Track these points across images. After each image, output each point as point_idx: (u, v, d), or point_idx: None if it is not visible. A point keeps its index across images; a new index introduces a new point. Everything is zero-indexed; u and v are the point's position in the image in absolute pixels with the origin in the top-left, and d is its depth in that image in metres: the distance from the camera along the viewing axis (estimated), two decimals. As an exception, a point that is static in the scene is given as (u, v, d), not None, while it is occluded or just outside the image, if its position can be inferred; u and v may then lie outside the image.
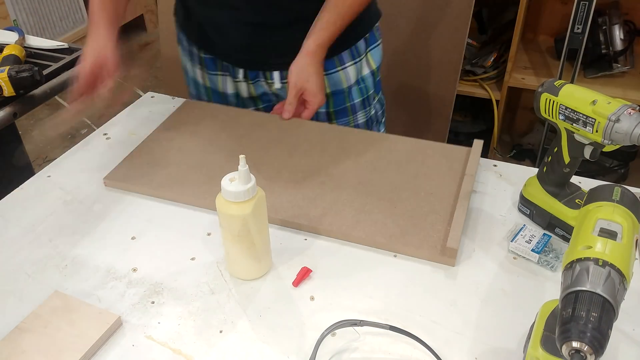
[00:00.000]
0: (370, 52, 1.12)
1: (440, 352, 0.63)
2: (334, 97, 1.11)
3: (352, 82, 1.11)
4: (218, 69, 1.13)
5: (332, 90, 1.10)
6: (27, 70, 1.08)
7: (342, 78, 1.09)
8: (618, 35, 1.95)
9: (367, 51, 1.11)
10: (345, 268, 0.76)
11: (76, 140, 1.03)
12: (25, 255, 0.78)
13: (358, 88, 1.12)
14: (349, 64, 1.09)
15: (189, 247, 0.79)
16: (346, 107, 1.12)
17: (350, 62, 1.09)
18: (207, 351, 0.65)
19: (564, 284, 0.51)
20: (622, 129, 0.66)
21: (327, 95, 1.09)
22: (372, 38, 1.12)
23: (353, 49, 1.08)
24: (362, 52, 1.10)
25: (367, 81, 1.14)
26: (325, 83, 1.07)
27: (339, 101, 1.12)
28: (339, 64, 1.08)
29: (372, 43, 1.12)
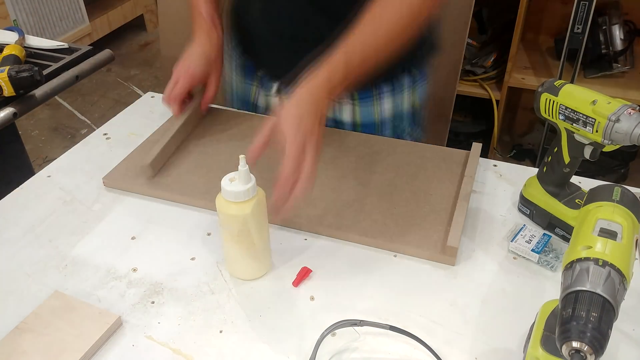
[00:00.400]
0: (416, 88, 1.01)
1: (440, 352, 0.63)
2: (362, 129, 1.01)
3: (387, 116, 1.00)
4: (254, 80, 1.07)
5: (362, 121, 1.00)
6: (27, 70, 1.08)
7: (375, 109, 0.99)
8: (618, 35, 1.95)
9: (413, 86, 1.00)
10: (345, 268, 0.76)
11: (76, 140, 1.03)
12: (25, 255, 0.78)
13: (393, 125, 1.01)
14: (387, 94, 0.98)
15: (189, 247, 0.79)
16: None
17: (389, 92, 0.98)
18: (207, 351, 0.65)
19: (564, 284, 0.51)
20: (622, 129, 0.66)
21: (357, 125, 0.99)
22: (422, 74, 1.01)
23: (394, 79, 0.98)
24: (404, 85, 0.99)
25: (404, 118, 1.02)
26: (356, 111, 0.98)
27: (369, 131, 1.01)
28: (376, 92, 0.98)
29: (420, 79, 1.02)
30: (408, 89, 1.02)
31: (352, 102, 1.00)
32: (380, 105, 1.00)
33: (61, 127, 2.70)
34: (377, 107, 1.00)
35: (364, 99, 0.98)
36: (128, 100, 2.63)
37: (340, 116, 1.02)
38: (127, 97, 2.95)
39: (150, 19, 3.66)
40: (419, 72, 1.03)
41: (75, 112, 2.71)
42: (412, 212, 0.82)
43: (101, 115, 2.77)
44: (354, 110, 1.01)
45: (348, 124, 1.03)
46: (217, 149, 0.96)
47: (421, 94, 1.05)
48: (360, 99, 0.98)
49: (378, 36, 0.78)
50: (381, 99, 1.00)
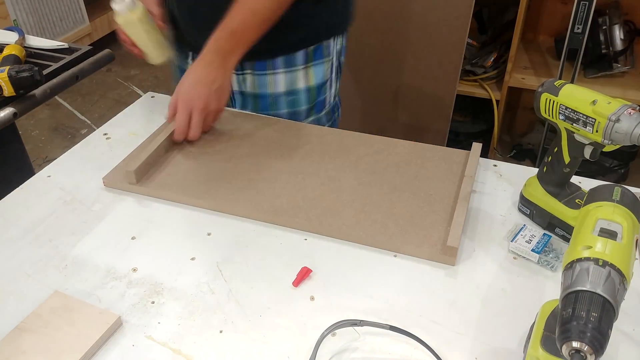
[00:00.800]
0: (311, 67, 1.09)
1: (440, 352, 0.63)
2: (260, 100, 1.11)
3: (281, 92, 1.10)
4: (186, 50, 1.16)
5: (259, 91, 1.10)
6: (27, 70, 1.08)
7: (270, 82, 1.08)
8: (618, 35, 1.95)
9: (307, 65, 1.08)
10: (346, 268, 0.76)
11: (76, 140, 1.03)
12: (25, 255, 0.78)
13: (287, 100, 1.11)
14: (281, 71, 1.07)
15: (189, 247, 0.79)
16: (270, 114, 1.10)
17: (282, 69, 1.07)
18: (207, 351, 0.65)
19: (564, 284, 0.51)
20: (622, 129, 0.66)
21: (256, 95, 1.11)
22: (318, 54, 1.09)
23: (289, 57, 1.07)
24: (298, 63, 1.08)
25: (299, 95, 1.11)
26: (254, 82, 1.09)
27: (264, 105, 1.11)
28: (270, 67, 1.07)
29: (316, 59, 1.09)
30: (302, 66, 1.09)
31: (251, 72, 1.09)
32: (274, 78, 1.08)
33: (61, 127, 2.70)
34: (271, 79, 1.08)
35: (259, 70, 1.08)
36: (128, 100, 2.63)
37: (245, 87, 1.12)
38: (127, 97, 2.95)
39: (151, 19, 3.65)
40: (316, 51, 1.08)
41: (75, 112, 2.71)
42: (412, 212, 0.82)
43: (101, 115, 2.77)
44: (253, 80, 1.10)
45: (249, 94, 1.12)
46: (216, 149, 0.96)
47: (318, 75, 1.11)
48: (255, 69, 1.08)
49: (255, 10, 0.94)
50: (275, 73, 1.08)
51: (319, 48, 1.09)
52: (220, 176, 0.90)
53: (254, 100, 1.12)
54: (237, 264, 0.76)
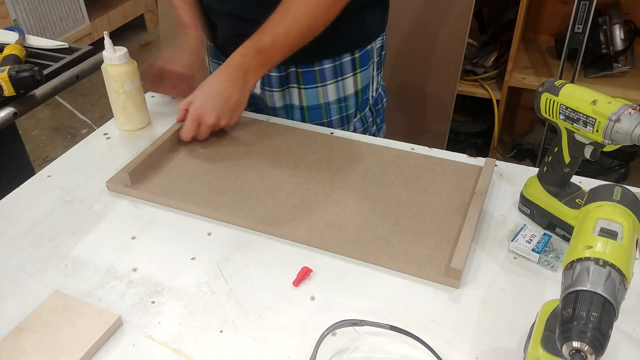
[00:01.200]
0: (360, 74, 1.09)
1: (440, 352, 0.63)
2: (310, 112, 1.10)
3: (332, 100, 1.09)
4: (219, 59, 1.15)
5: (308, 104, 1.09)
6: (28, 70, 1.08)
7: (320, 94, 1.08)
8: (618, 35, 1.95)
9: (355, 73, 1.08)
10: (346, 268, 0.76)
11: (76, 140, 1.03)
12: (25, 255, 0.78)
13: (338, 106, 1.10)
14: (330, 82, 1.07)
15: (189, 247, 0.79)
16: (322, 123, 1.11)
17: (332, 80, 1.07)
18: (207, 351, 0.65)
19: (565, 284, 0.51)
20: (622, 128, 0.66)
21: (304, 108, 1.10)
22: (364, 60, 1.08)
23: (337, 67, 1.06)
24: (347, 72, 1.07)
25: (350, 101, 1.11)
26: (303, 96, 1.08)
27: (315, 116, 1.11)
28: (320, 81, 1.06)
29: (363, 65, 1.09)
30: (352, 74, 1.08)
31: (298, 87, 1.08)
32: (324, 90, 1.08)
33: (61, 127, 2.70)
34: (321, 92, 1.08)
35: (309, 84, 1.07)
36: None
37: (291, 101, 1.10)
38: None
39: (151, 19, 3.66)
40: (363, 57, 1.08)
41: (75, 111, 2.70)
42: (417, 229, 0.79)
43: (101, 115, 2.77)
44: (300, 94, 1.09)
45: (297, 107, 1.11)
46: (222, 156, 0.96)
47: (364, 79, 1.11)
48: (304, 84, 1.07)
49: (287, 23, 0.92)
50: (325, 85, 1.07)
51: (365, 53, 1.08)
52: (224, 184, 0.89)
53: (301, 112, 1.11)
54: (238, 263, 0.76)
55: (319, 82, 1.07)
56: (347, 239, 0.78)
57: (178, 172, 0.92)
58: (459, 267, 0.71)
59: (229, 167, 0.92)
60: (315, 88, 1.07)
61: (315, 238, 0.79)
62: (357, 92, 1.11)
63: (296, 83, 1.07)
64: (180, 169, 0.93)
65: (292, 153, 0.96)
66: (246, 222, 0.82)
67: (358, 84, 1.10)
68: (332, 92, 1.08)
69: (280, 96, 1.09)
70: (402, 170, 0.91)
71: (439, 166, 0.92)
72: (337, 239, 0.78)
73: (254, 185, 0.88)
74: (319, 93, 1.08)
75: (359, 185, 0.88)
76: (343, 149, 0.96)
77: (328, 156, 0.95)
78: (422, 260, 0.75)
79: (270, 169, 0.92)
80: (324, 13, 0.92)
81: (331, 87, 1.07)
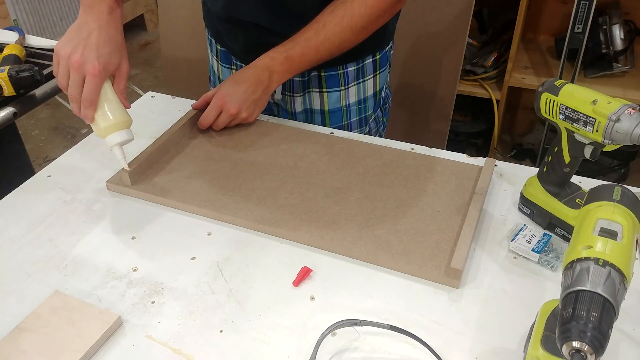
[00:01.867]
0: (379, 75, 1.11)
1: (440, 352, 0.63)
2: (331, 115, 1.11)
3: (353, 102, 1.11)
4: (231, 63, 1.15)
5: (330, 108, 1.10)
6: (28, 70, 1.08)
7: (342, 97, 1.09)
8: (618, 35, 1.95)
9: (375, 74, 1.10)
10: (346, 268, 0.76)
11: (76, 140, 1.03)
12: (25, 255, 0.78)
13: (357, 108, 1.12)
14: (353, 84, 1.08)
15: (189, 247, 0.79)
16: (342, 125, 1.12)
17: (354, 82, 1.08)
18: (207, 351, 0.65)
19: (565, 284, 0.51)
20: (622, 128, 0.66)
21: (325, 111, 1.11)
22: (383, 60, 1.11)
23: (360, 69, 1.07)
24: (368, 74, 1.09)
25: (368, 102, 1.13)
26: (325, 99, 1.09)
27: (335, 119, 1.12)
28: (344, 84, 1.08)
29: (382, 66, 1.11)
30: (372, 76, 1.10)
31: (320, 91, 1.08)
32: (346, 92, 1.09)
33: (61, 127, 2.70)
34: (343, 93, 1.09)
35: (332, 87, 1.08)
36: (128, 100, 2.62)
37: (311, 105, 1.11)
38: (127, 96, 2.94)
39: (151, 19, 3.66)
40: (382, 58, 1.10)
41: (75, 112, 2.70)
42: (417, 229, 0.79)
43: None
44: (322, 98, 1.09)
45: (317, 111, 1.11)
46: (223, 155, 0.95)
47: (382, 80, 1.13)
48: (327, 87, 1.08)
49: (319, 39, 0.94)
50: (348, 88, 1.08)
51: (384, 54, 1.10)
52: (224, 184, 0.89)
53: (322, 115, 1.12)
54: (238, 263, 0.76)
55: (342, 85, 1.08)
56: (347, 239, 0.78)
57: (178, 172, 0.92)
58: (459, 267, 0.71)
59: (229, 167, 0.92)
60: (339, 91, 1.08)
61: (315, 238, 0.79)
62: (375, 93, 1.13)
63: (318, 87, 1.08)
64: (181, 169, 0.93)
65: (292, 153, 0.96)
66: (246, 222, 0.82)
67: (377, 84, 1.12)
68: (353, 94, 1.10)
69: (301, 101, 1.10)
70: (402, 170, 0.91)
71: (439, 166, 0.92)
72: (337, 239, 0.78)
73: (254, 185, 0.88)
74: (341, 96, 1.09)
75: (359, 184, 0.88)
76: (343, 149, 0.96)
77: (328, 156, 0.95)
78: (422, 260, 0.75)
79: (271, 169, 0.92)
80: (355, 36, 0.95)
81: (352, 89, 1.09)
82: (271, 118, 1.07)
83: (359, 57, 1.06)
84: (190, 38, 2.07)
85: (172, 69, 2.22)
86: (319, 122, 1.12)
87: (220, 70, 1.18)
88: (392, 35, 1.12)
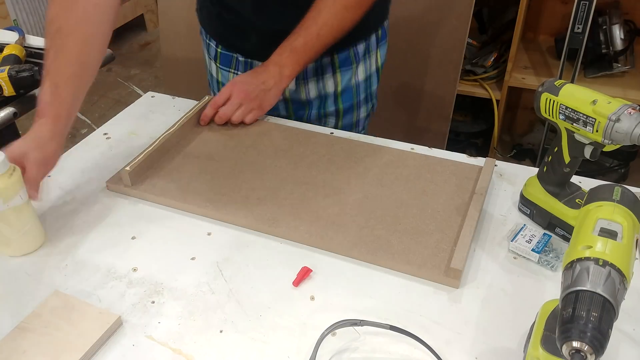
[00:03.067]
0: (380, 49, 1.15)
1: (440, 352, 0.63)
2: (343, 95, 1.14)
3: (361, 80, 1.14)
4: (232, 67, 1.16)
5: (342, 88, 1.13)
6: (27, 70, 1.08)
7: (352, 75, 1.12)
8: (618, 35, 1.95)
9: (377, 48, 1.14)
10: (346, 268, 0.76)
11: (76, 140, 1.03)
12: (25, 255, 0.78)
13: (365, 85, 1.16)
14: (361, 62, 1.12)
15: (189, 247, 0.79)
16: (352, 104, 1.15)
17: (362, 60, 1.12)
18: (207, 351, 0.65)
19: (564, 284, 0.51)
20: (622, 128, 0.66)
21: (338, 93, 1.13)
22: (383, 34, 1.14)
23: (367, 45, 1.11)
24: (372, 49, 1.13)
25: (373, 78, 1.17)
26: (338, 80, 1.12)
27: (347, 98, 1.14)
28: (355, 62, 1.11)
29: (382, 39, 1.15)
30: (374, 49, 1.14)
31: (333, 74, 1.11)
32: (356, 69, 1.12)
33: (61, 127, 2.69)
34: (354, 70, 1.12)
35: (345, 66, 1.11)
36: (128, 100, 2.63)
37: (325, 90, 1.13)
38: (127, 97, 2.94)
39: (151, 19, 3.66)
40: (382, 31, 1.14)
41: (75, 111, 2.70)
42: (417, 229, 0.79)
43: (101, 115, 2.77)
44: (335, 79, 1.12)
45: (330, 95, 1.14)
46: (223, 155, 0.95)
47: (382, 53, 1.17)
48: (341, 67, 1.11)
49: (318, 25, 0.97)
50: (357, 64, 1.12)
51: (383, 28, 1.14)
52: (224, 184, 0.89)
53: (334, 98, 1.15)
54: (237, 263, 0.76)
55: (353, 63, 1.11)
56: (347, 239, 0.78)
57: (178, 172, 0.92)
58: (458, 267, 0.71)
59: (229, 167, 0.92)
60: (350, 69, 1.12)
61: (315, 238, 0.79)
62: (377, 68, 1.17)
63: (331, 70, 1.11)
64: (180, 169, 0.92)
65: (292, 153, 0.96)
66: (246, 222, 0.82)
67: (378, 59, 1.16)
68: (362, 71, 1.13)
69: (315, 86, 1.12)
70: (402, 170, 0.91)
71: (439, 166, 0.92)
72: (337, 239, 0.78)
73: (254, 185, 0.88)
74: (352, 74, 1.12)
75: (359, 185, 0.88)
76: (343, 149, 0.96)
77: (328, 156, 0.95)
78: (422, 260, 0.75)
79: (271, 169, 0.92)
80: (352, 14, 0.98)
81: (361, 67, 1.13)
82: (271, 118, 1.07)
83: (367, 35, 1.10)
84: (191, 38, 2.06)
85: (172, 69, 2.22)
86: (331, 105, 1.14)
87: (219, 74, 1.19)
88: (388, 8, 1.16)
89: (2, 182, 0.71)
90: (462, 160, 0.93)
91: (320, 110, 1.15)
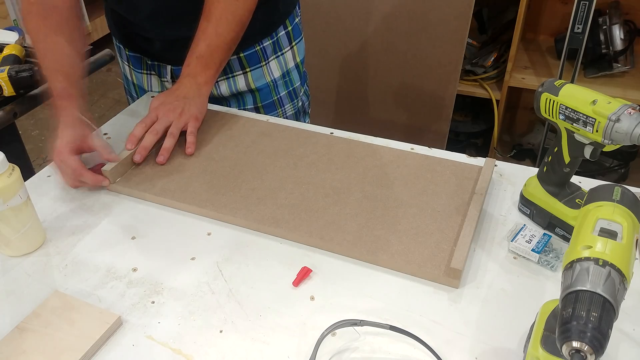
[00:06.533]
0: (296, 46, 1.17)
1: (440, 352, 0.63)
2: (260, 92, 1.15)
3: (277, 77, 1.15)
4: (143, 68, 1.17)
5: (256, 85, 1.14)
6: (27, 70, 1.09)
7: (265, 72, 1.13)
8: (618, 35, 1.95)
9: (291, 46, 1.15)
10: (345, 268, 0.76)
11: (76, 140, 1.02)
12: (25, 255, 0.78)
13: (284, 81, 1.17)
14: (272, 58, 1.13)
15: (189, 247, 0.79)
16: (273, 101, 1.16)
17: (273, 56, 1.13)
18: (207, 351, 0.65)
19: (564, 284, 0.51)
20: (622, 128, 0.66)
21: (253, 90, 1.15)
22: (296, 31, 1.16)
23: (275, 43, 1.12)
24: (285, 46, 1.14)
25: (293, 74, 1.18)
26: (250, 79, 1.13)
27: (265, 96, 1.15)
28: (263, 60, 1.12)
29: (296, 37, 1.16)
30: (289, 48, 1.16)
31: (243, 72, 1.12)
32: (268, 68, 1.13)
33: (61, 127, 2.70)
34: (266, 70, 1.13)
35: (254, 65, 1.12)
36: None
37: (237, 88, 1.14)
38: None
39: (150, 19, 3.65)
40: (294, 29, 1.16)
41: (75, 112, 2.70)
42: (417, 229, 0.79)
43: (101, 115, 2.77)
44: (247, 78, 1.13)
45: (246, 92, 1.15)
46: (222, 155, 0.95)
47: (301, 50, 1.19)
48: (249, 65, 1.12)
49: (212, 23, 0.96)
50: (267, 63, 1.13)
51: (296, 24, 1.15)
52: (224, 184, 0.89)
53: (252, 95, 1.15)
54: (237, 263, 0.76)
55: (262, 60, 1.12)
56: (347, 239, 0.78)
57: (178, 172, 0.92)
58: (458, 267, 0.71)
59: (229, 167, 0.92)
60: (260, 67, 1.12)
61: (315, 238, 0.79)
62: (297, 64, 1.19)
63: (240, 69, 1.12)
64: (180, 169, 0.92)
65: (292, 153, 0.96)
66: (246, 222, 0.82)
67: (296, 56, 1.18)
68: (275, 68, 1.14)
69: (226, 85, 1.13)
70: (401, 170, 0.91)
71: (439, 166, 0.92)
72: (337, 239, 0.78)
73: (254, 185, 0.88)
74: (264, 71, 1.13)
75: (359, 185, 0.88)
76: (343, 149, 0.96)
77: (328, 156, 0.95)
78: (422, 260, 0.75)
79: (271, 169, 0.92)
80: (243, 2, 0.97)
81: (273, 63, 1.13)
82: (271, 118, 1.07)
83: (271, 31, 1.11)
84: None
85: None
86: (251, 102, 1.15)
87: (133, 76, 1.20)
88: (295, 4, 1.16)
89: (2, 181, 0.72)
90: (462, 160, 0.93)
91: (240, 107, 1.16)
